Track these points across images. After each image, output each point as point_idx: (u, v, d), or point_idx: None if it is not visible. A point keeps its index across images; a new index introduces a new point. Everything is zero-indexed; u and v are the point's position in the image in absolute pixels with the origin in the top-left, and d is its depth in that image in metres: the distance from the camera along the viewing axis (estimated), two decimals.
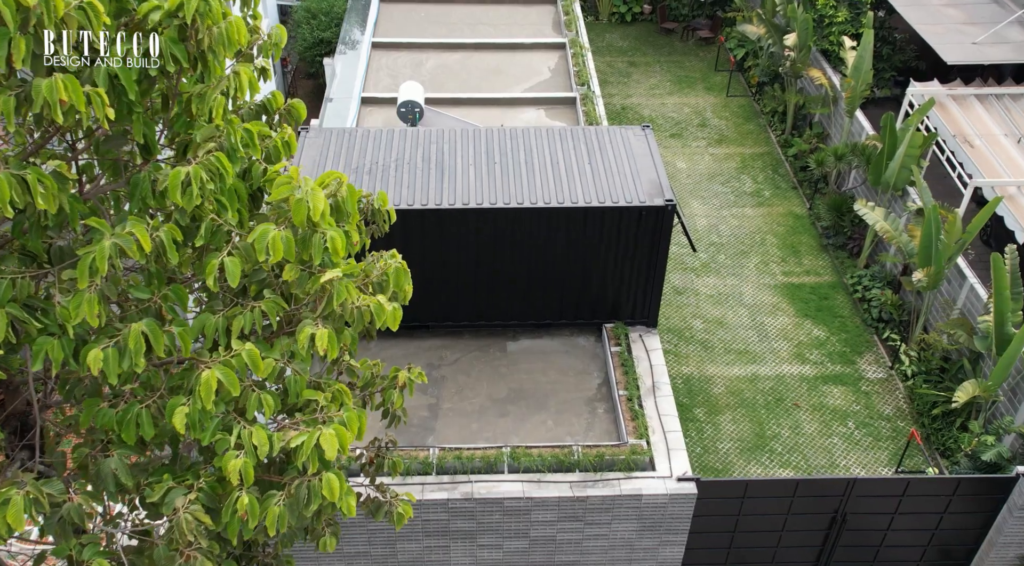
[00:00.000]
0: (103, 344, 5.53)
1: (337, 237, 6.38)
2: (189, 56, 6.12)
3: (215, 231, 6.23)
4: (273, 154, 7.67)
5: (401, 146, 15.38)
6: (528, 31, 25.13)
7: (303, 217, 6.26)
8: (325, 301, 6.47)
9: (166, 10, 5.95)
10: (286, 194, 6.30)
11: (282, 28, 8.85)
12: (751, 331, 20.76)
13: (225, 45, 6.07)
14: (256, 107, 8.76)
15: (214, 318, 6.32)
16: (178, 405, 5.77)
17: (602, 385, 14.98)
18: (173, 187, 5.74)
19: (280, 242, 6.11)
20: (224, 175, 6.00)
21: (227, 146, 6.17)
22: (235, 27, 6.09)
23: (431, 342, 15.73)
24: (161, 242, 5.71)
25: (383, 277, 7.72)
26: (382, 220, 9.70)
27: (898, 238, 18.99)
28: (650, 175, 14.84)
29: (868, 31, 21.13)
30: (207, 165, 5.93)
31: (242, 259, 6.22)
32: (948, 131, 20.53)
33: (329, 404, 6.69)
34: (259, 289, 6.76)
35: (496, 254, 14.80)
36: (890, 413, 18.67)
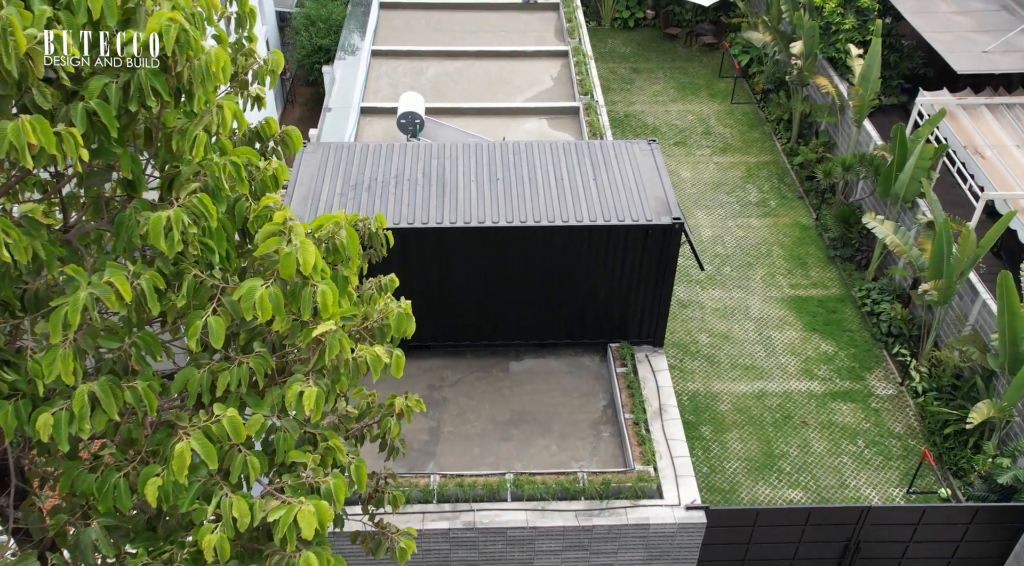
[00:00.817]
0: (57, 406, 5.15)
1: (328, 292, 5.98)
2: (170, 89, 5.74)
3: (198, 287, 5.83)
4: (260, 187, 7.29)
5: (401, 161, 14.99)
6: (530, 39, 24.74)
7: (291, 271, 5.87)
8: (317, 355, 6.08)
9: (143, 42, 5.56)
10: (274, 247, 5.90)
11: (279, 54, 8.48)
12: (758, 346, 20.36)
13: (205, 78, 5.67)
14: (250, 133, 8.40)
15: (198, 373, 5.93)
16: (151, 475, 5.38)
17: (607, 407, 14.58)
18: (155, 233, 5.35)
19: (268, 301, 5.72)
20: (208, 217, 5.60)
21: (211, 185, 5.78)
22: (216, 60, 5.70)
23: (432, 362, 15.33)
24: (142, 290, 5.32)
25: (384, 322, 7.32)
26: (379, 244, 9.34)
27: (908, 252, 18.59)
28: (657, 192, 14.44)
29: (876, 40, 20.73)
30: (190, 207, 5.54)
31: (228, 317, 5.83)
32: (959, 142, 20.13)
33: (317, 468, 6.29)
34: (248, 339, 6.36)
35: (498, 273, 14.40)
36: (901, 431, 18.27)
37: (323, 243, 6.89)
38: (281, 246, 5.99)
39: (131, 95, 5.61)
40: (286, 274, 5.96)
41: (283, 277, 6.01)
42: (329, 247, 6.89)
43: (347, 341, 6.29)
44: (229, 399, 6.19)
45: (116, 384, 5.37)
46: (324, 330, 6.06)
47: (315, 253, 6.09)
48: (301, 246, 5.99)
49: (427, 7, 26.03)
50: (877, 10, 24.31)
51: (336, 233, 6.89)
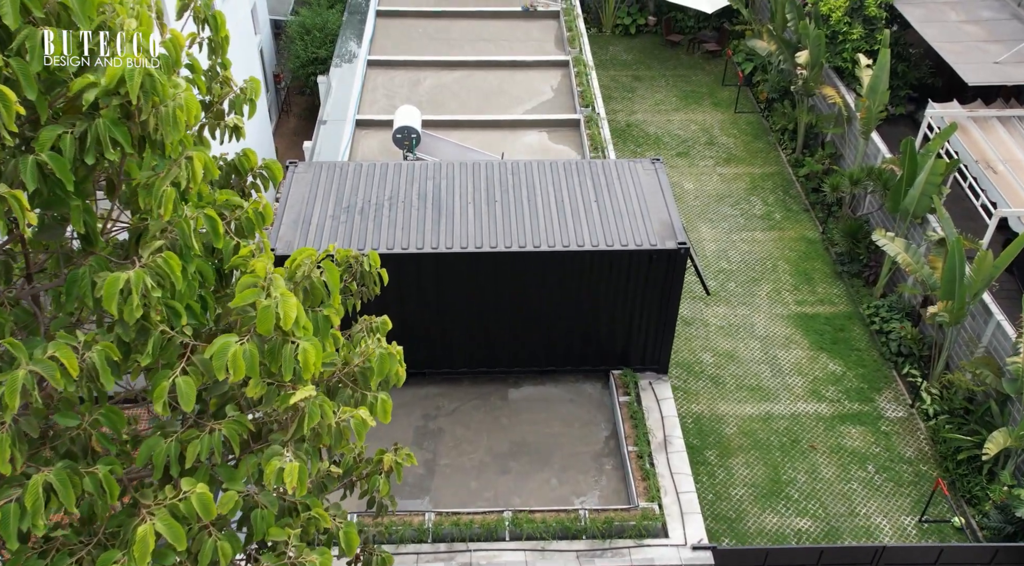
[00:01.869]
0: (5, 497, 4.62)
1: (310, 349, 5.45)
2: (133, 139, 5.20)
3: (165, 345, 5.29)
4: (245, 226, 6.75)
5: (395, 182, 14.45)
6: (530, 48, 24.20)
7: (270, 326, 5.34)
8: (296, 424, 5.54)
9: (104, 87, 5.02)
10: (251, 299, 5.37)
11: (256, 81, 7.98)
12: (764, 365, 19.82)
13: (174, 127, 5.13)
14: (227, 167, 7.88)
15: (165, 443, 5.39)
16: (110, 563, 4.84)
17: (610, 438, 14.05)
18: (108, 297, 4.81)
19: (243, 359, 5.18)
20: (175, 278, 5.06)
21: (180, 244, 5.24)
22: (187, 107, 5.16)
23: (427, 390, 14.80)
24: (93, 365, 4.78)
25: (366, 365, 6.78)
26: (372, 283, 8.81)
27: (919, 270, 18.04)
28: (661, 215, 13.90)
29: (885, 50, 20.19)
30: (154, 269, 5.00)
31: (198, 377, 5.29)
32: (970, 156, 19.59)
33: (300, 544, 5.75)
34: (220, 403, 5.83)
35: (497, 298, 13.87)
36: (912, 456, 17.72)
37: (300, 284, 6.37)
38: (259, 298, 5.46)
39: (88, 146, 5.07)
40: (264, 330, 5.43)
41: (260, 333, 5.48)
42: (307, 288, 6.37)
43: (329, 406, 5.76)
44: (199, 471, 5.66)
45: (74, 471, 4.84)
46: (304, 396, 5.52)
47: (297, 306, 5.56)
48: (282, 299, 5.45)
49: (425, 15, 25.49)
50: (885, 19, 23.77)
51: (312, 272, 6.37)
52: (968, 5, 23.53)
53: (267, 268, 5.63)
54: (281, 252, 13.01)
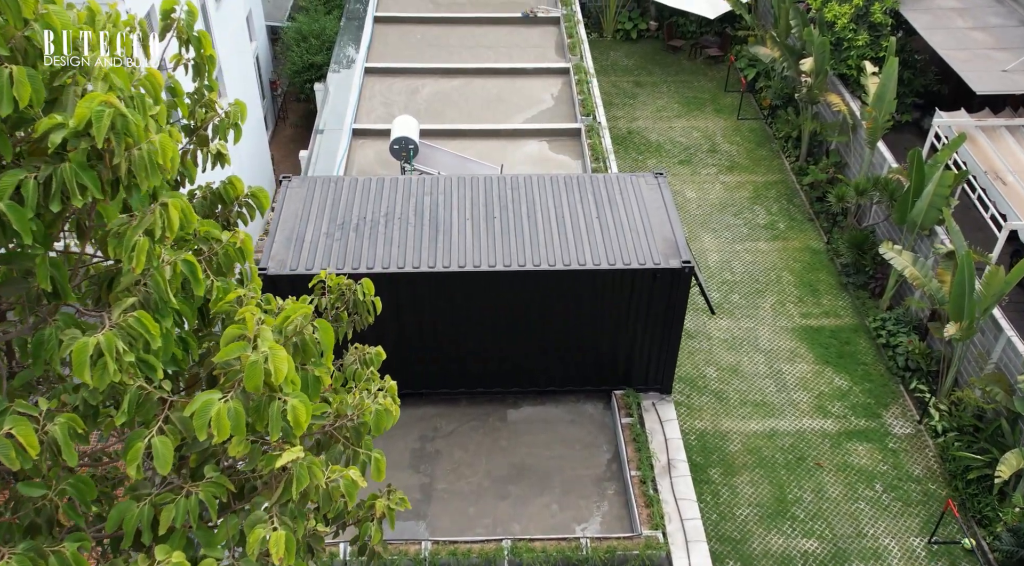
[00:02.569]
0: None
1: (300, 407, 5.08)
2: (103, 184, 4.83)
3: (141, 402, 4.93)
4: (223, 262, 6.39)
5: (391, 198, 14.09)
6: (530, 55, 23.82)
7: (258, 383, 4.97)
8: (282, 487, 5.17)
9: (72, 129, 4.66)
10: (237, 353, 5.00)
11: (242, 104, 7.61)
12: (768, 380, 19.45)
13: (148, 171, 4.77)
14: (212, 196, 7.51)
15: (137, 507, 5.02)
16: None
17: (612, 461, 13.68)
18: (79, 364, 4.45)
19: (227, 419, 4.81)
20: (150, 338, 4.70)
21: (155, 300, 4.87)
22: (163, 150, 4.79)
23: (424, 410, 14.43)
24: (54, 440, 4.42)
25: (360, 421, 6.41)
26: (365, 312, 8.45)
27: (928, 284, 17.67)
28: (665, 231, 13.53)
29: (892, 59, 19.80)
30: (126, 329, 4.63)
31: (177, 437, 4.93)
32: (979, 167, 19.22)
33: None
34: (200, 460, 5.46)
35: (496, 317, 13.51)
36: (920, 474, 17.35)
37: (290, 339, 6.00)
38: (245, 353, 5.08)
39: (53, 192, 4.71)
40: (251, 386, 5.06)
41: (248, 389, 5.11)
42: (298, 344, 6.00)
43: (318, 467, 5.39)
44: (174, 537, 5.28)
45: (39, 553, 4.46)
46: (291, 459, 5.15)
47: (288, 360, 5.19)
48: (272, 354, 5.08)
49: (423, 21, 25.12)
50: (890, 25, 23.39)
51: (305, 329, 6.00)
52: (975, 11, 23.15)
53: (255, 318, 5.26)
54: (274, 271, 12.66)
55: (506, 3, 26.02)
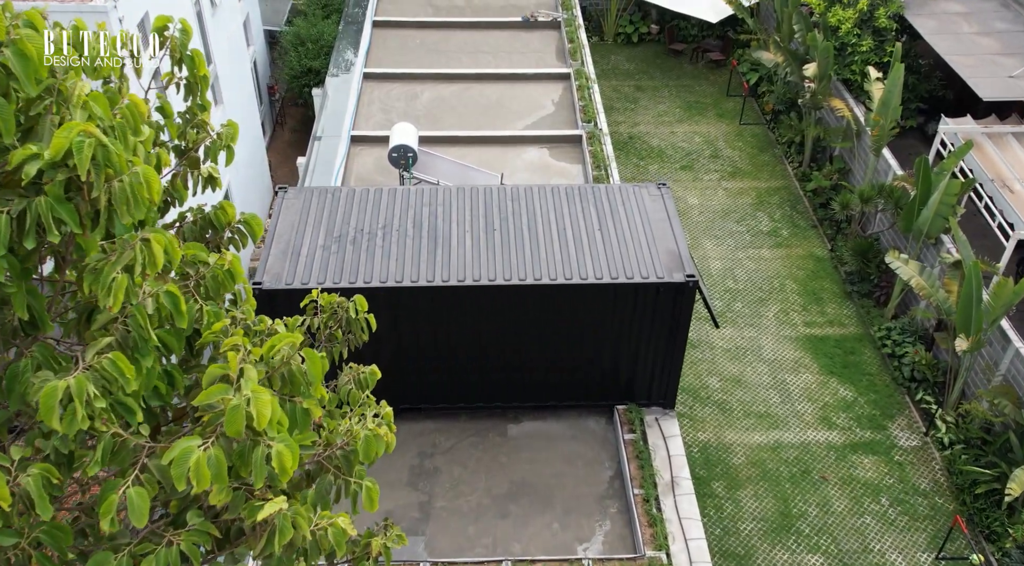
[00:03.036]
0: None
1: (286, 453, 4.82)
2: (81, 218, 4.57)
3: (116, 449, 4.66)
4: (210, 287, 6.12)
5: (389, 209, 13.82)
6: (530, 60, 23.56)
7: (240, 428, 4.70)
8: (265, 538, 4.90)
9: (48, 160, 4.39)
10: (218, 396, 4.74)
11: (234, 125, 7.34)
12: (772, 391, 19.19)
13: (130, 204, 4.50)
14: (202, 221, 7.25)
15: (115, 558, 4.75)
16: None
17: (614, 478, 13.41)
18: (46, 409, 4.18)
19: (207, 468, 4.54)
20: (126, 383, 4.43)
21: (134, 339, 4.61)
22: (148, 183, 4.53)
23: (423, 425, 14.15)
24: (27, 492, 4.15)
25: (349, 449, 6.15)
26: (359, 330, 8.19)
27: (935, 295, 17.41)
28: (668, 244, 13.26)
29: (898, 65, 19.53)
30: (100, 372, 4.37)
31: (154, 487, 4.66)
32: (985, 174, 18.96)
33: None
34: (181, 507, 5.19)
35: (496, 331, 13.24)
36: (927, 488, 17.09)
37: (278, 370, 5.74)
38: (227, 396, 4.82)
39: (28, 228, 4.44)
40: (233, 432, 4.80)
41: (229, 434, 4.85)
42: (285, 375, 5.74)
43: (303, 516, 5.11)
44: None
45: None
46: (273, 511, 4.88)
47: (272, 403, 4.92)
48: (254, 397, 4.81)
49: (423, 26, 24.86)
50: (895, 30, 23.13)
51: (293, 359, 5.73)
52: (981, 16, 22.90)
53: (239, 356, 5.00)
54: (269, 286, 12.39)
55: (506, 7, 25.77)
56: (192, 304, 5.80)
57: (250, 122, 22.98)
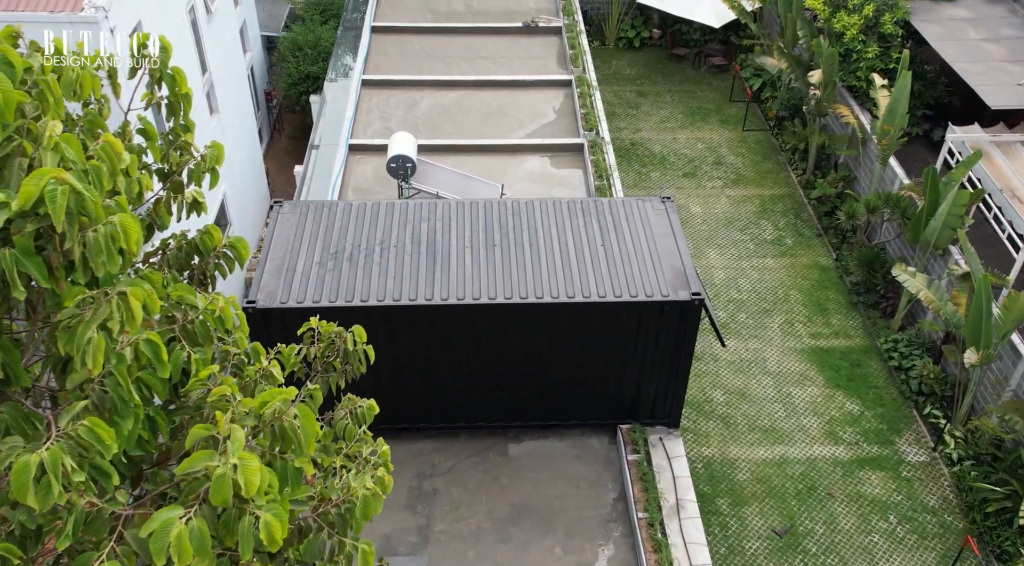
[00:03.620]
0: None
1: (274, 523, 4.51)
2: (53, 270, 4.25)
3: (91, 520, 4.34)
4: (199, 332, 5.82)
5: (387, 224, 13.50)
6: (531, 66, 23.23)
7: (227, 497, 4.39)
8: None
9: (17, 209, 4.08)
10: (203, 463, 4.42)
11: (220, 146, 7.03)
12: (777, 404, 18.87)
13: (108, 258, 4.19)
14: (187, 247, 6.95)
15: None
16: None
17: (618, 501, 13.09)
18: (19, 486, 3.86)
19: (189, 542, 4.22)
20: (104, 450, 4.12)
21: (112, 400, 4.29)
22: (126, 232, 4.21)
23: (422, 445, 13.84)
24: None
25: (346, 506, 5.84)
26: (357, 362, 7.89)
27: (943, 308, 17.09)
28: (673, 260, 12.94)
29: (905, 73, 19.19)
30: (76, 440, 4.05)
31: (131, 559, 4.34)
32: (994, 184, 18.64)
33: None
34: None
35: (496, 350, 12.92)
36: (936, 505, 16.78)
37: (268, 425, 5.43)
38: (211, 463, 4.50)
39: None
40: (219, 500, 4.49)
41: (215, 503, 4.54)
42: (276, 431, 5.42)
43: None
44: None
45: None
46: None
47: (260, 470, 4.60)
48: (242, 465, 4.49)
49: (422, 31, 24.53)
50: (901, 36, 22.80)
51: (284, 414, 5.42)
52: (988, 23, 22.57)
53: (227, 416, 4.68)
54: (264, 305, 12.07)
55: (507, 12, 25.46)
56: (179, 351, 5.50)
57: (247, 129, 22.66)
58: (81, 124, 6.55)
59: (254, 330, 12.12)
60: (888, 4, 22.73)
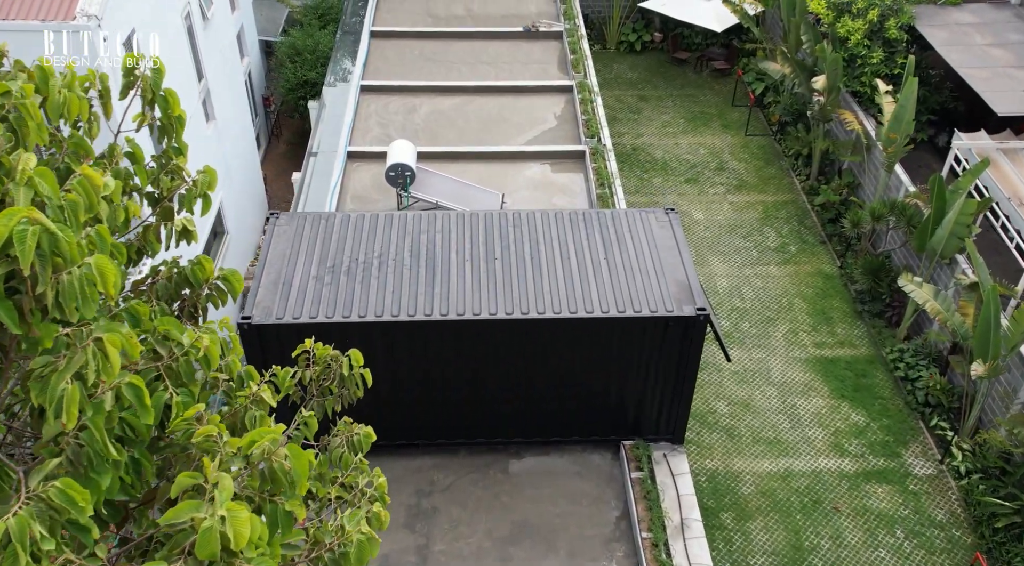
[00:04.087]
0: None
1: None
2: (24, 316, 3.99)
3: None
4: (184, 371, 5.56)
5: (385, 236, 13.24)
6: (532, 71, 22.96)
7: (214, 551, 4.13)
8: None
9: None
10: (188, 514, 4.16)
11: (212, 172, 6.78)
12: (781, 416, 18.60)
13: (83, 302, 3.92)
14: (177, 277, 6.68)
15: None
16: None
17: (621, 519, 12.83)
18: None
19: None
20: (78, 513, 3.85)
21: (88, 455, 4.03)
22: (103, 276, 3.95)
23: (421, 462, 13.58)
24: None
25: (340, 551, 5.57)
26: (353, 386, 7.64)
27: (950, 319, 16.82)
28: (677, 274, 12.68)
29: (912, 80, 18.90)
30: (47, 503, 3.79)
31: None
32: (1001, 193, 18.37)
33: None
34: None
35: (497, 366, 12.66)
36: (943, 519, 16.51)
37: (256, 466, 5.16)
38: (198, 514, 4.24)
39: None
40: (205, 554, 4.23)
41: (201, 557, 4.28)
42: (266, 473, 5.16)
43: None
44: None
45: None
46: None
47: (249, 520, 4.34)
48: (230, 517, 4.23)
49: (422, 36, 24.26)
50: (906, 41, 22.53)
51: (274, 454, 5.15)
52: (994, 27, 22.30)
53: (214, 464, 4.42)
54: (259, 321, 11.80)
55: (507, 16, 25.20)
56: (161, 393, 5.24)
57: (244, 136, 22.39)
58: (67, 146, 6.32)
59: (249, 347, 11.88)
60: (893, 8, 22.47)
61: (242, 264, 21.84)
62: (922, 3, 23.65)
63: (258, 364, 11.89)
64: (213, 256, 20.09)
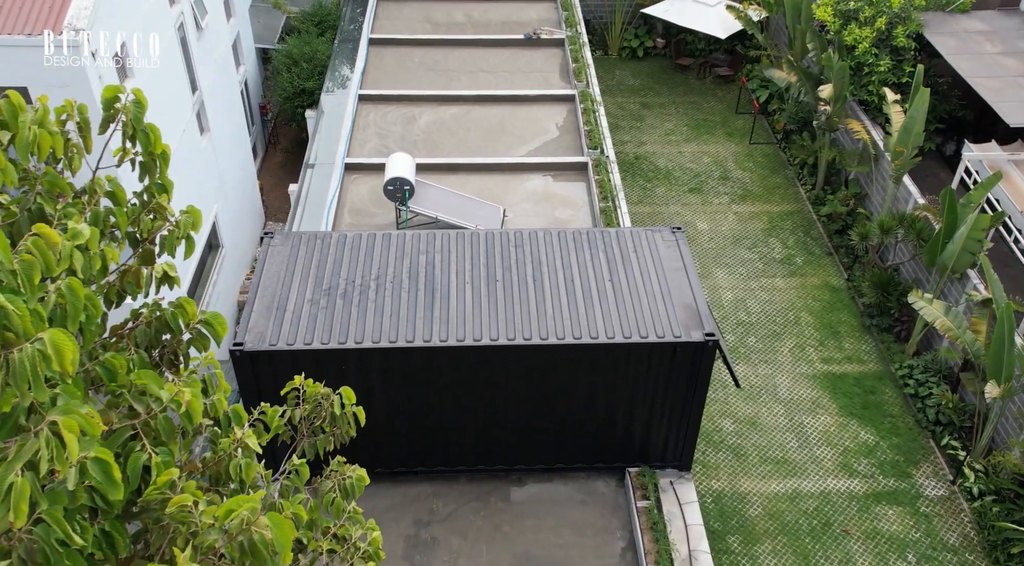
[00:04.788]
0: None
1: None
2: None
3: None
4: (163, 429, 5.18)
5: (382, 256, 12.82)
6: (533, 80, 22.55)
7: None
8: None
9: None
10: None
11: (196, 211, 6.36)
12: (789, 434, 18.18)
13: (32, 383, 3.50)
14: (157, 322, 6.27)
15: None
16: None
17: (626, 550, 12.41)
18: None
19: None
20: None
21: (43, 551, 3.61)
22: (54, 351, 3.53)
23: (420, 489, 13.16)
24: None
25: None
26: (346, 425, 7.26)
27: (962, 337, 16.40)
28: (685, 297, 12.26)
29: (923, 90, 18.47)
30: None
31: None
32: (1014, 206, 17.95)
33: None
34: None
35: (498, 392, 12.25)
36: (956, 543, 16.08)
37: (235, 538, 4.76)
38: None
39: None
40: None
41: None
42: (244, 545, 4.75)
43: None
44: None
45: None
46: None
47: None
48: None
49: (421, 43, 23.85)
50: (914, 49, 22.10)
51: (255, 525, 4.75)
52: (1004, 35, 21.88)
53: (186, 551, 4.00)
54: (251, 347, 11.38)
55: (508, 24, 24.80)
56: (138, 454, 4.84)
57: (240, 147, 21.98)
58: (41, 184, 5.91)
59: (242, 375, 11.46)
60: (901, 16, 22.05)
61: (238, 277, 21.43)
62: (930, 10, 23.23)
63: (251, 393, 11.50)
64: (208, 270, 19.67)
